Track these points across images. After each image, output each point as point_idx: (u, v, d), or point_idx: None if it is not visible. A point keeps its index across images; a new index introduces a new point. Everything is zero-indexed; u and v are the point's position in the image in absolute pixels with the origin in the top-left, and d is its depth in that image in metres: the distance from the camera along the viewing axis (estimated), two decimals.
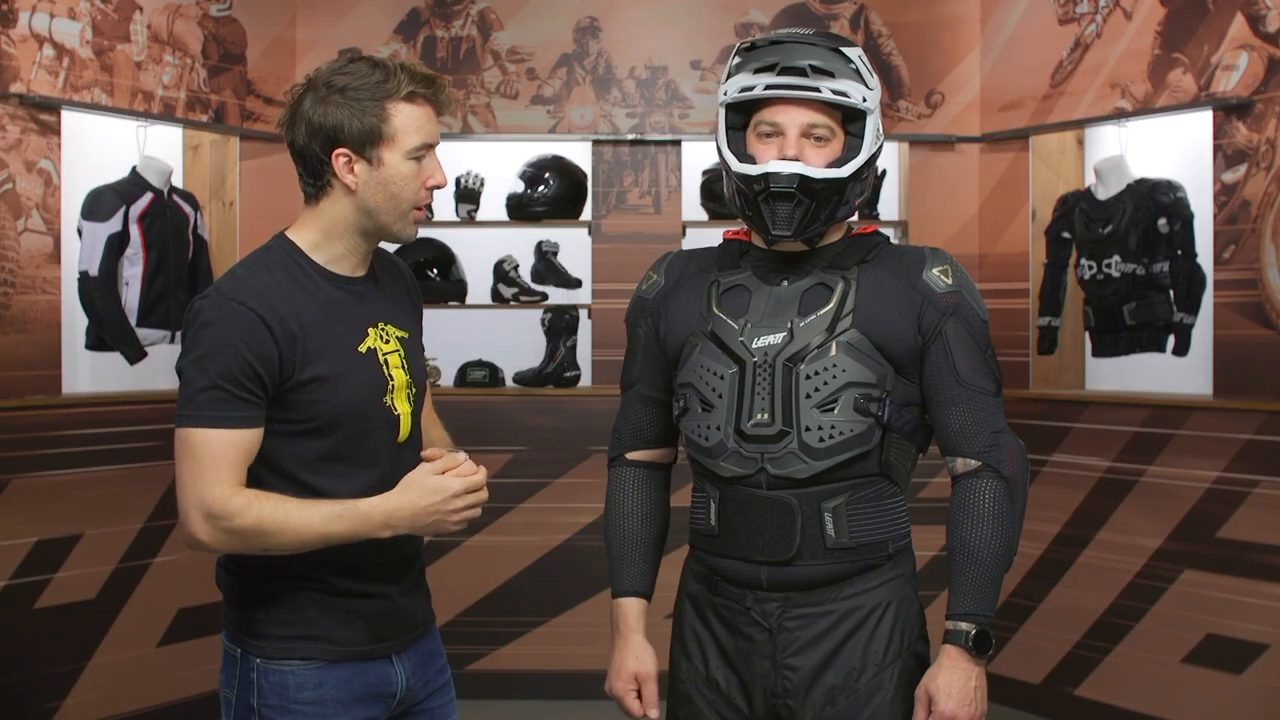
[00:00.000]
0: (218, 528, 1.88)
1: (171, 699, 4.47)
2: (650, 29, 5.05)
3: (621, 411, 2.28)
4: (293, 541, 1.90)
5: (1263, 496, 4.08)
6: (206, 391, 1.89)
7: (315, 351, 1.95)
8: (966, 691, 2.00)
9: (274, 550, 1.91)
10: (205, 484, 1.88)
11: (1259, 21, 4.11)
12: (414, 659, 2.11)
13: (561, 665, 4.81)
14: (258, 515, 1.87)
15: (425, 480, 1.93)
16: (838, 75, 2.03)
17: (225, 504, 1.87)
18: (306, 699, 1.99)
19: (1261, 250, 4.10)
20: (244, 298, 1.92)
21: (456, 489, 1.93)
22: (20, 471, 4.07)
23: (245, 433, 1.90)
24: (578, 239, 5.10)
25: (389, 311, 2.09)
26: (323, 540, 1.91)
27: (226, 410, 1.89)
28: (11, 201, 4.05)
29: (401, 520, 1.93)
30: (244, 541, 1.90)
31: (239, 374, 1.89)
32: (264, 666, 1.99)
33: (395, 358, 2.05)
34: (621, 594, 2.20)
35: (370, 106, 1.95)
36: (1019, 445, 2.09)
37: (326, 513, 1.90)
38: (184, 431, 1.90)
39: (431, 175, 2.01)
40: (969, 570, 2.03)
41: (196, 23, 4.67)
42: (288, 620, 2.00)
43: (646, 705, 2.15)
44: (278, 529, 1.88)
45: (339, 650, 2.00)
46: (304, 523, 1.89)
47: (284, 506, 1.89)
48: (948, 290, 2.08)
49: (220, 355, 1.89)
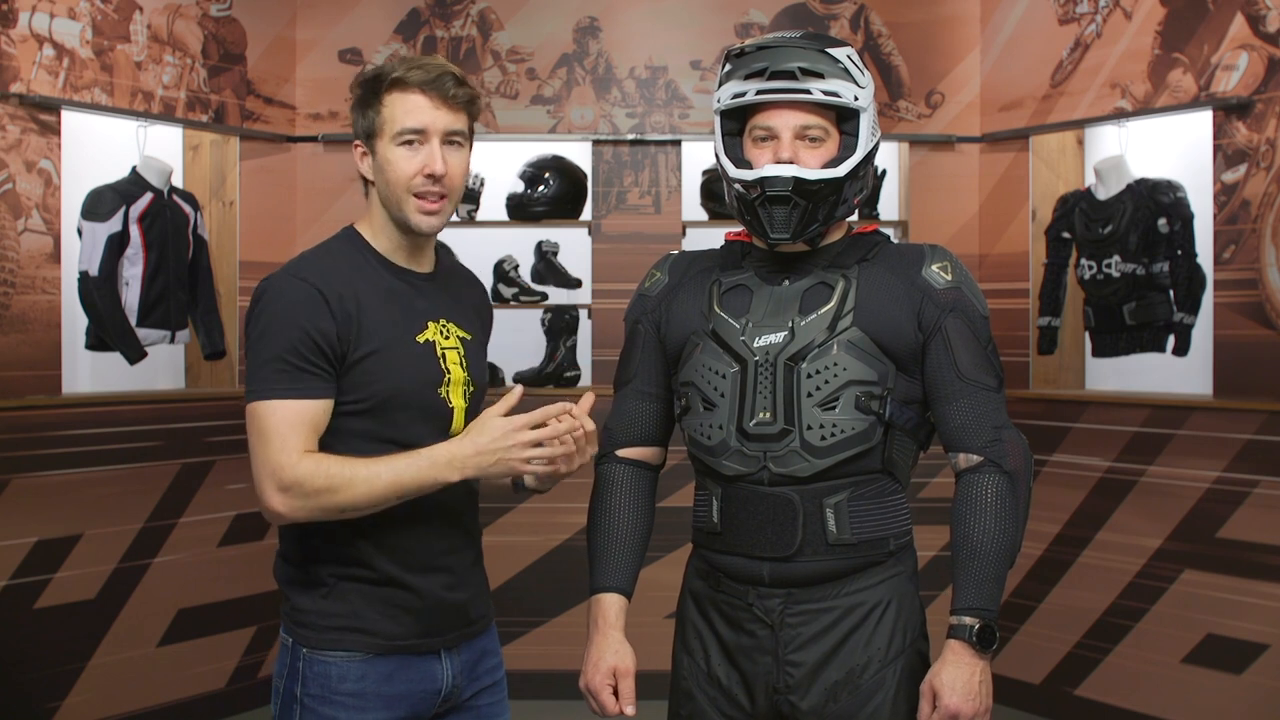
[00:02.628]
0: (291, 495, 1.91)
1: (171, 699, 4.48)
2: (650, 29, 5.05)
3: (615, 408, 2.27)
4: (364, 494, 1.91)
5: (1263, 496, 4.08)
6: (269, 364, 1.93)
7: (370, 331, 1.99)
8: (971, 686, 2.00)
9: (350, 509, 1.92)
10: (273, 454, 1.91)
11: (1259, 21, 4.12)
12: (465, 656, 2.11)
13: (561, 665, 4.80)
14: (326, 474, 1.90)
15: (486, 420, 1.95)
16: (827, 76, 2.04)
17: (294, 470, 1.90)
18: (348, 690, 2.00)
19: (1261, 250, 4.10)
20: (304, 274, 1.98)
21: (516, 426, 1.93)
22: (20, 471, 4.07)
23: (310, 403, 1.94)
24: (578, 239, 5.10)
25: (452, 311, 2.12)
26: (393, 489, 1.91)
27: (291, 382, 1.93)
28: (11, 201, 4.05)
29: (466, 460, 1.93)
30: (318, 503, 1.91)
31: (300, 346, 1.93)
32: (309, 656, 2.02)
33: (454, 354, 2.08)
34: (601, 589, 2.17)
35: (370, 100, 2.03)
36: (1021, 440, 2.09)
37: (392, 465, 1.92)
38: (252, 406, 1.94)
39: (427, 162, 2.00)
40: (973, 565, 2.02)
41: (196, 23, 4.67)
42: (332, 611, 2.02)
43: (623, 701, 2.12)
44: (346, 483, 1.90)
45: (381, 643, 2.02)
46: (371, 473, 1.91)
47: (350, 463, 1.91)
48: (947, 286, 2.09)
49: (282, 330, 1.94)
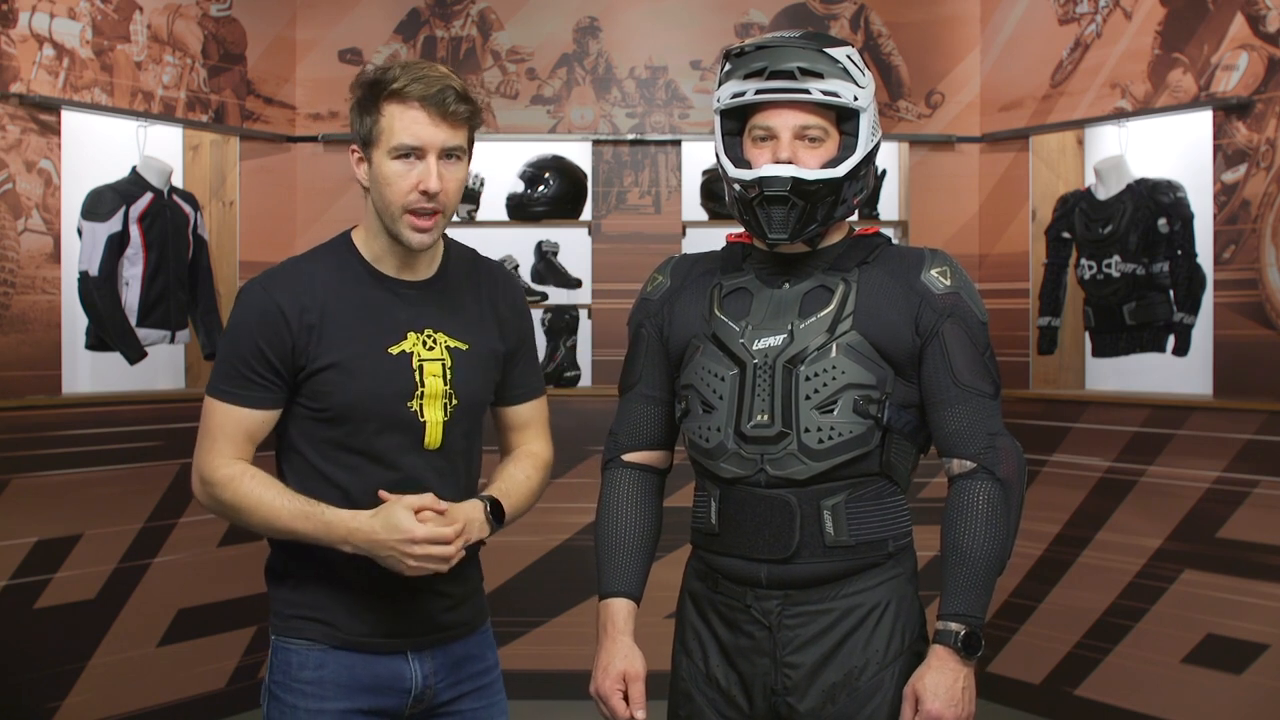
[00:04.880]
0: (205, 492, 2.02)
1: (171, 699, 4.48)
2: (650, 29, 5.04)
3: (620, 414, 2.26)
4: (260, 526, 1.99)
5: (1263, 496, 4.08)
6: (224, 365, 2.01)
7: (333, 343, 1.98)
8: (954, 692, 1.99)
9: (249, 527, 2.01)
10: (204, 450, 2.01)
11: (1259, 21, 4.11)
12: (441, 660, 2.12)
13: (561, 665, 4.80)
14: (235, 492, 1.98)
15: (393, 514, 1.94)
16: (827, 75, 2.03)
17: (214, 473, 1.99)
18: (306, 679, 2.03)
19: (1261, 250, 4.10)
20: (272, 286, 2.00)
21: (417, 536, 1.92)
22: (20, 471, 4.07)
23: (251, 412, 2.00)
24: (578, 239, 5.10)
25: (445, 321, 2.06)
26: (289, 533, 1.98)
27: (237, 387, 2.00)
28: (11, 201, 4.05)
29: (360, 542, 1.95)
30: (223, 510, 2.01)
31: (250, 357, 1.99)
32: (275, 643, 2.07)
33: (435, 366, 2.03)
34: (611, 594, 2.17)
35: (369, 105, 1.98)
36: (1016, 448, 2.09)
37: (295, 510, 1.97)
38: (206, 398, 2.03)
39: (422, 180, 1.95)
40: (961, 571, 2.02)
41: (196, 23, 4.67)
42: (297, 600, 2.06)
43: (634, 706, 2.11)
44: (249, 510, 1.98)
45: (341, 636, 2.04)
46: (272, 513, 1.97)
47: (263, 492, 1.97)
48: (946, 291, 2.08)
49: (239, 337, 2.00)
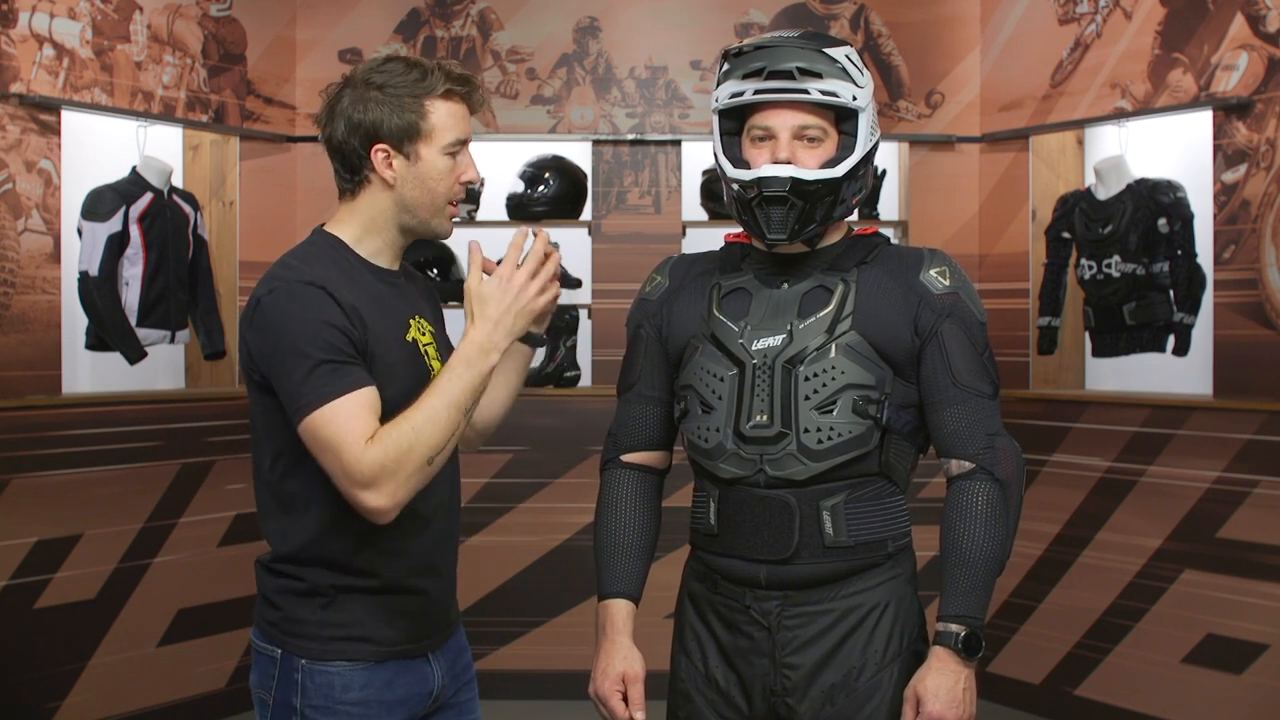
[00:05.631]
0: (377, 486, 1.84)
1: (171, 699, 4.48)
2: (650, 29, 5.05)
3: (619, 414, 2.27)
4: (435, 434, 1.86)
5: (1263, 496, 4.08)
6: (313, 373, 1.87)
7: (373, 338, 1.97)
8: (955, 693, 1.99)
9: (437, 458, 1.87)
10: (344, 459, 1.84)
11: (1259, 21, 4.11)
12: (446, 656, 2.13)
13: (561, 665, 4.80)
14: (394, 443, 1.84)
15: (478, 293, 1.94)
16: (825, 75, 2.03)
17: (367, 465, 1.84)
18: (352, 699, 1.99)
19: (1261, 250, 4.10)
20: (310, 278, 1.93)
21: (507, 275, 1.94)
22: (20, 471, 4.07)
23: (361, 392, 1.88)
24: (578, 239, 5.09)
25: (421, 307, 2.14)
26: (456, 409, 1.88)
27: (338, 379, 1.87)
28: (11, 201, 4.05)
29: (491, 336, 1.92)
30: (405, 472, 1.85)
31: (335, 343, 1.89)
32: (309, 667, 1.99)
33: (432, 349, 2.09)
34: (610, 595, 2.17)
35: (409, 103, 1.99)
36: (1014, 448, 2.09)
37: (434, 390, 1.89)
38: (306, 421, 1.86)
39: (465, 171, 2.04)
40: (960, 572, 2.02)
41: (196, 23, 4.67)
42: (334, 621, 1.99)
43: (633, 707, 2.11)
44: (414, 436, 1.85)
45: (383, 650, 2.02)
46: (426, 412, 1.87)
47: (403, 419, 1.87)
48: (945, 291, 2.08)
49: (313, 336, 1.88)
